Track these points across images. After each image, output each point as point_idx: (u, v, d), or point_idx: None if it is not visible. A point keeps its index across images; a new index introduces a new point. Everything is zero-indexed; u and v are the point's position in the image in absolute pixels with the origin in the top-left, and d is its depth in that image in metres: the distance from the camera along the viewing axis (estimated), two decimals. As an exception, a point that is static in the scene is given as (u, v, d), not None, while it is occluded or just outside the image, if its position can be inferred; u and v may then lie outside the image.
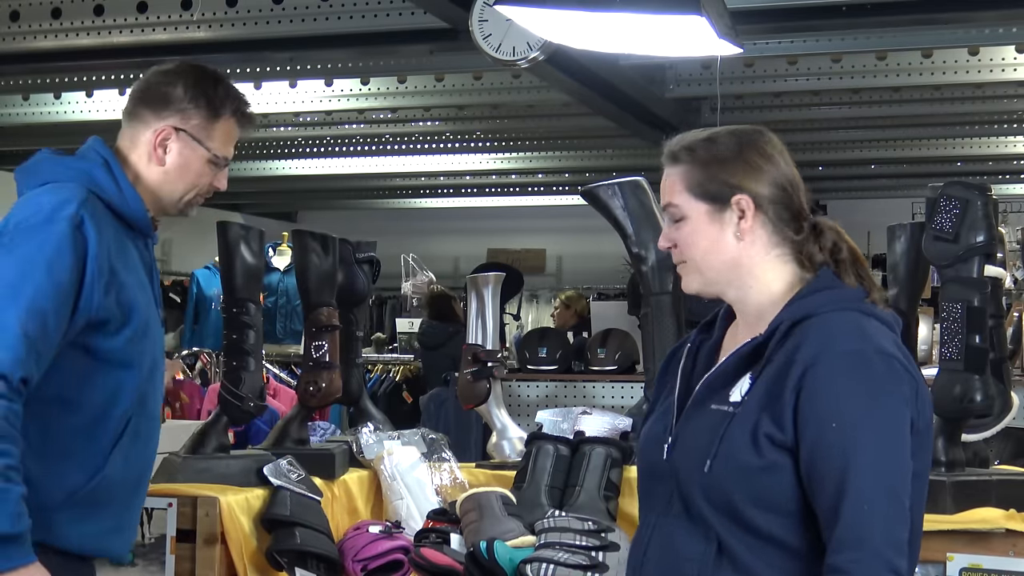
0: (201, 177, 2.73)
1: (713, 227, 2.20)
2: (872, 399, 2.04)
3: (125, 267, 2.58)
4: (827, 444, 2.02)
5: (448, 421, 7.34)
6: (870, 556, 1.98)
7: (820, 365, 2.05)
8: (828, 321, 2.10)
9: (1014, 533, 3.11)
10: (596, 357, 6.46)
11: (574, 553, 3.28)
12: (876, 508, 2.00)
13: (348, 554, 3.50)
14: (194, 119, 2.69)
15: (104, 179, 2.62)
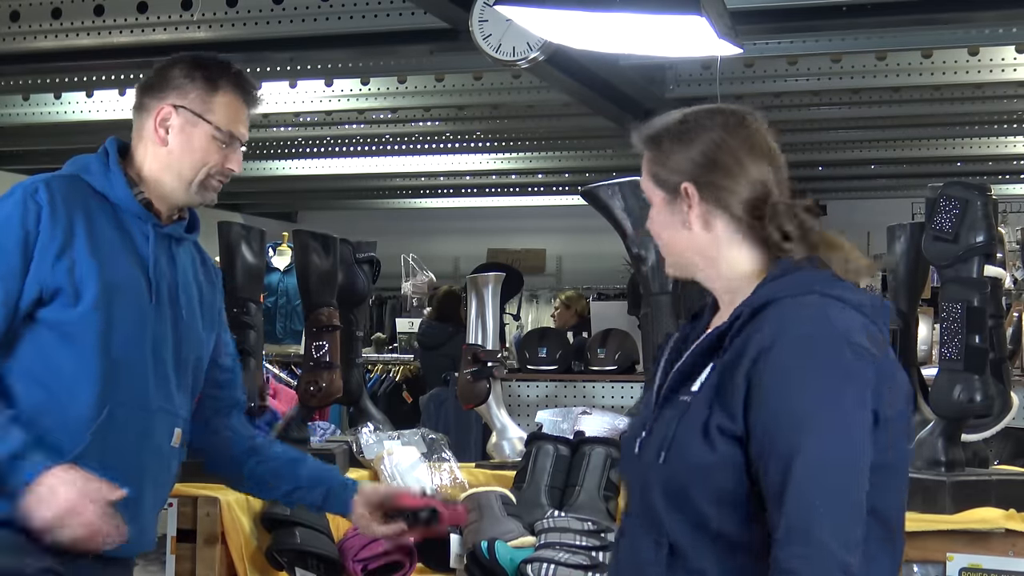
0: (208, 155, 2.67)
1: (670, 215, 2.14)
2: (823, 387, 1.94)
3: (95, 243, 2.55)
4: (774, 434, 1.93)
5: (448, 421, 7.34)
6: (818, 552, 1.88)
7: (772, 352, 1.96)
8: (786, 306, 2.01)
9: (1014, 533, 3.11)
10: (596, 357, 6.46)
11: (574, 553, 3.28)
12: (824, 502, 1.90)
13: (348, 554, 3.51)
14: (191, 93, 2.65)
15: (94, 164, 2.64)
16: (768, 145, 2.13)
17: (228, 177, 2.72)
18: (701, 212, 2.11)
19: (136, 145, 2.69)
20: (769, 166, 2.11)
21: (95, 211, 2.58)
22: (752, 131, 2.13)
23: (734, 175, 2.09)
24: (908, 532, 2.20)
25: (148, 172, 2.67)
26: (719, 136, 2.11)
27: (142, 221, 2.64)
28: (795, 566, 1.89)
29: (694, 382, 2.07)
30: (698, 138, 2.12)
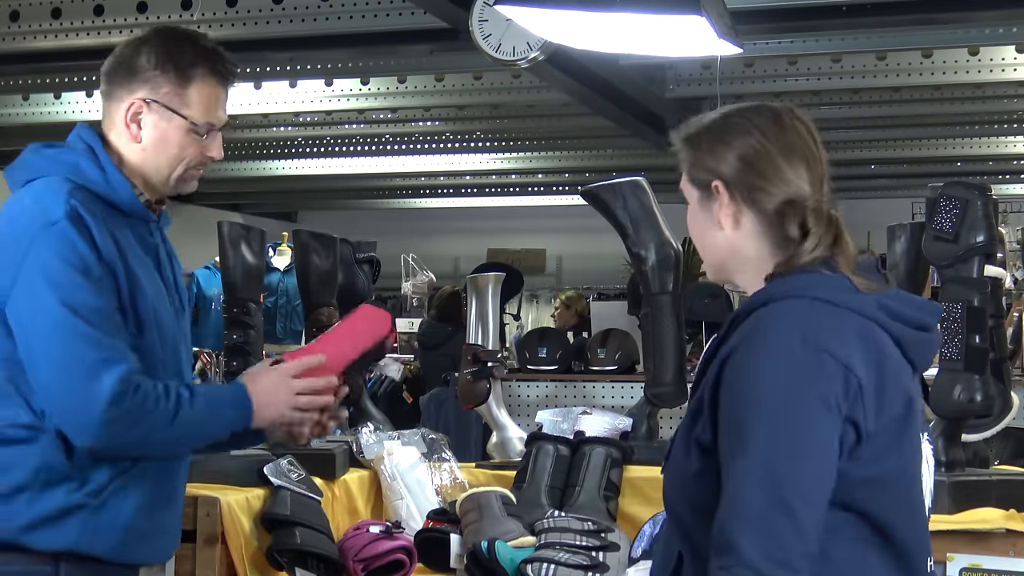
0: (185, 149, 2.52)
1: (704, 214, 2.10)
2: (777, 396, 1.85)
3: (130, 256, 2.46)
4: (722, 441, 1.88)
5: (448, 421, 7.34)
6: (741, 566, 1.79)
7: (734, 356, 1.91)
8: (768, 311, 1.94)
9: (1014, 533, 3.11)
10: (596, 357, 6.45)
11: (575, 553, 3.28)
12: (750, 511, 1.81)
13: (349, 554, 3.50)
14: (164, 87, 2.49)
15: (90, 168, 2.48)
16: (806, 146, 2.07)
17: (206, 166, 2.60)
18: (731, 210, 2.06)
19: (108, 133, 2.55)
20: (806, 168, 2.05)
21: (110, 218, 2.46)
22: (790, 133, 2.07)
23: (769, 178, 2.04)
24: (908, 532, 2.19)
25: (127, 164, 2.53)
26: (757, 140, 2.05)
27: (145, 222, 2.56)
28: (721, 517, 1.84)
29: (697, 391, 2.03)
30: (735, 140, 2.06)
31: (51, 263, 2.35)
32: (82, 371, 2.33)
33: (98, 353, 2.34)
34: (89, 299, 2.35)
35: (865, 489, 1.91)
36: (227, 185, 12.97)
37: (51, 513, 2.39)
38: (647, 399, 4.01)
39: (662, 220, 3.94)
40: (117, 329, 2.39)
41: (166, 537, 2.59)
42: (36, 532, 2.39)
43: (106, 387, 2.32)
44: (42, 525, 2.39)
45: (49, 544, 2.39)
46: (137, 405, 2.34)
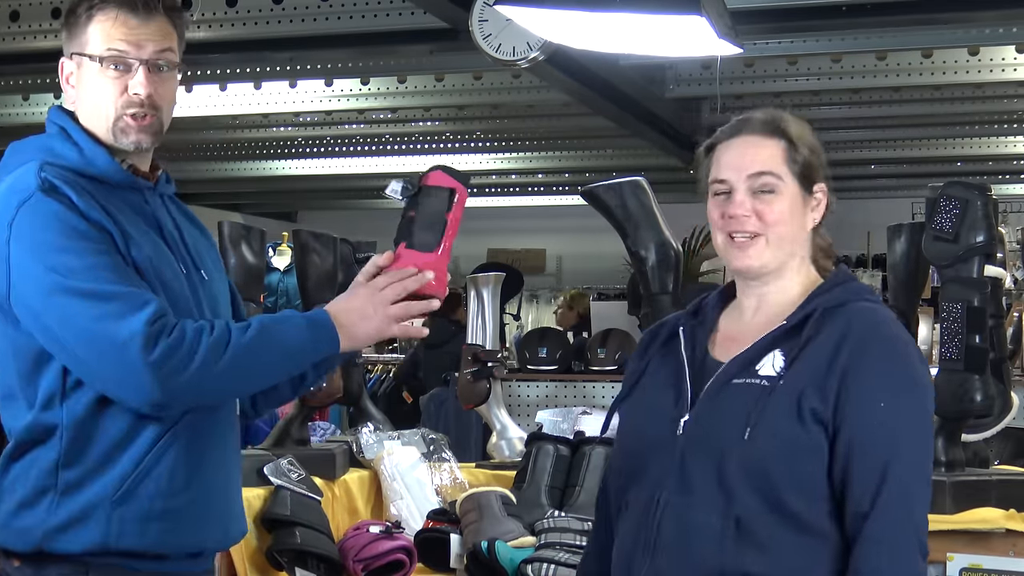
0: (104, 92, 2.36)
1: (801, 208, 2.25)
2: (914, 387, 2.13)
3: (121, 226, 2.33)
4: (874, 421, 2.09)
5: (448, 421, 7.34)
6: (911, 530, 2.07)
7: (867, 348, 2.11)
8: (864, 309, 2.18)
9: (1014, 533, 3.11)
10: (596, 357, 6.46)
11: (575, 553, 3.28)
12: (917, 488, 2.09)
13: (349, 554, 3.50)
14: (79, 36, 2.38)
15: (62, 146, 2.37)
16: None
17: (143, 106, 2.38)
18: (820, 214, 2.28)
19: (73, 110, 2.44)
20: None
21: (95, 191, 2.34)
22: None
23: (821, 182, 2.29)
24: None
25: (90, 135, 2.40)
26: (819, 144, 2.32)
27: (135, 189, 2.42)
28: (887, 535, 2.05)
29: (757, 367, 2.16)
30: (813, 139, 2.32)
31: (33, 237, 2.25)
32: (103, 330, 2.21)
33: (110, 307, 2.21)
34: (83, 259, 2.24)
35: None
36: (227, 185, 12.97)
37: (75, 513, 2.29)
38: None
39: (662, 220, 3.94)
40: (127, 277, 2.26)
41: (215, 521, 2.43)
42: (62, 535, 2.29)
43: (133, 334, 2.19)
44: (67, 527, 2.29)
45: (76, 546, 2.29)
46: (177, 341, 2.21)
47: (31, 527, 2.31)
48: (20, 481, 2.34)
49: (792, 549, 2.08)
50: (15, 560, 2.35)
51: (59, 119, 2.42)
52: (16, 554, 2.35)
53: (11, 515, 2.34)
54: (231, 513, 2.49)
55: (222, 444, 2.45)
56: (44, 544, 2.30)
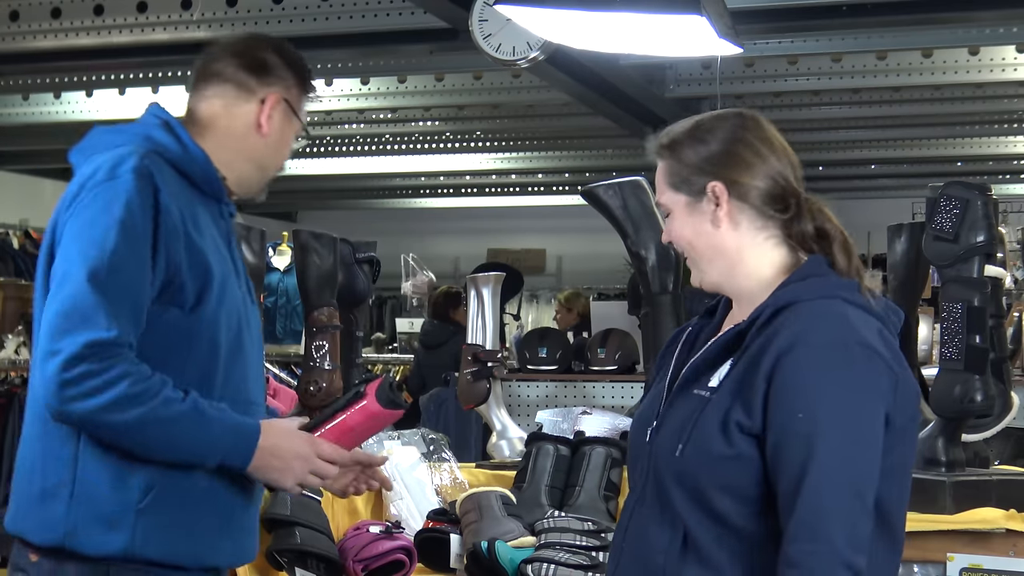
0: (288, 151, 2.58)
1: (693, 218, 2.17)
2: (843, 392, 2.00)
3: (196, 229, 2.38)
4: (792, 433, 1.98)
5: (448, 421, 7.33)
6: (826, 550, 1.94)
7: (793, 353, 2.01)
8: (810, 309, 2.05)
9: (1014, 533, 3.11)
10: (596, 357, 6.44)
11: (575, 553, 3.28)
12: (834, 503, 1.96)
13: (349, 554, 3.50)
14: (293, 89, 2.54)
15: (164, 137, 2.43)
16: (783, 143, 2.19)
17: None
18: (728, 209, 2.14)
19: (217, 119, 2.51)
20: (789, 162, 2.17)
21: (182, 190, 2.39)
22: (766, 128, 2.18)
23: (753, 168, 2.14)
24: (908, 532, 2.22)
25: (224, 155, 2.49)
26: (736, 132, 2.16)
27: (217, 201, 2.49)
28: (802, 560, 1.95)
29: (710, 378, 2.11)
30: (714, 137, 2.16)
31: (94, 213, 2.29)
32: (56, 331, 2.25)
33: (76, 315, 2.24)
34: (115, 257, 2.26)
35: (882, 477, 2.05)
36: (227, 185, 12.94)
37: (101, 515, 2.29)
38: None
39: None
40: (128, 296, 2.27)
41: (236, 538, 2.47)
42: (86, 536, 2.29)
43: (68, 346, 2.22)
44: (90, 527, 2.29)
45: (99, 549, 2.29)
46: (97, 372, 2.22)
47: (54, 521, 2.31)
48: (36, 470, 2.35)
49: (737, 562, 2.04)
50: (33, 554, 2.35)
51: (163, 113, 2.49)
52: (35, 547, 2.34)
53: (36, 502, 2.33)
54: (251, 531, 2.52)
55: None
56: (67, 541, 2.30)
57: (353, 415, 2.56)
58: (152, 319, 2.32)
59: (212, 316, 2.38)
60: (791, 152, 2.19)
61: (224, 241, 2.48)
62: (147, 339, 2.31)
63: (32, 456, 2.38)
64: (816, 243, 2.15)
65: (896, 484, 2.08)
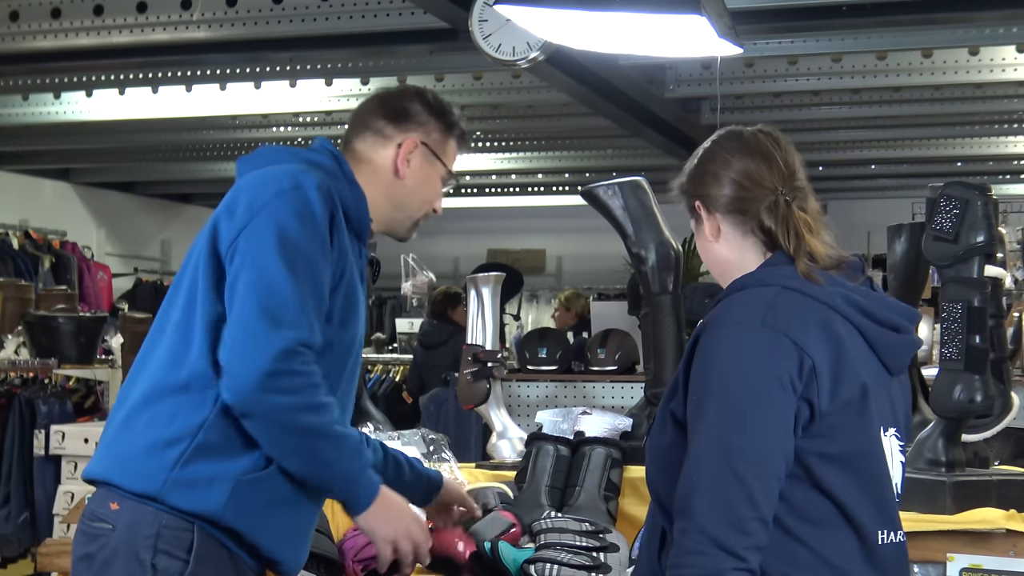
0: (434, 195, 2.70)
1: (698, 235, 2.29)
2: (732, 371, 2.03)
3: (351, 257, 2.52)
4: (688, 414, 2.06)
5: (448, 421, 7.34)
6: (694, 529, 1.97)
7: (703, 337, 2.09)
8: (738, 297, 2.13)
9: (1014, 533, 3.11)
10: (596, 357, 6.44)
11: (576, 554, 3.28)
12: (705, 480, 1.98)
13: (348, 554, 3.50)
14: (434, 133, 2.69)
15: (333, 168, 2.56)
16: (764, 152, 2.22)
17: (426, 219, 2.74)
18: (711, 222, 2.23)
19: (363, 164, 2.63)
20: (764, 164, 2.20)
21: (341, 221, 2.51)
22: (746, 137, 2.24)
23: (718, 177, 2.22)
24: (908, 532, 2.22)
25: (375, 196, 2.61)
26: (710, 148, 2.26)
27: (360, 242, 2.60)
28: (677, 538, 2.00)
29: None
30: (696, 156, 2.28)
31: (285, 217, 2.37)
32: (265, 321, 2.32)
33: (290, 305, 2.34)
34: (307, 261, 2.37)
35: (822, 465, 2.07)
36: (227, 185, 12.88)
37: (203, 475, 2.37)
38: (647, 399, 4.01)
39: (662, 220, 3.94)
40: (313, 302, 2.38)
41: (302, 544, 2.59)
42: (185, 491, 2.36)
43: (282, 340, 2.32)
44: (193, 485, 2.36)
45: (194, 505, 2.37)
46: (298, 373, 2.33)
47: (155, 473, 2.37)
48: (157, 425, 2.39)
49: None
50: (114, 503, 2.40)
51: (333, 149, 2.62)
52: (123, 493, 2.39)
53: (138, 455, 2.39)
54: (308, 543, 2.64)
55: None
56: (162, 494, 2.37)
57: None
58: None
59: (354, 335, 2.53)
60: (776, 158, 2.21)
61: (361, 277, 2.59)
62: None
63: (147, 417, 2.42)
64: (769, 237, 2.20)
65: (848, 473, 2.09)
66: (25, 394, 6.83)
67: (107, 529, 2.39)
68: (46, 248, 11.45)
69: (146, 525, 2.36)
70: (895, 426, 2.21)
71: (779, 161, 2.22)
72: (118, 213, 13.64)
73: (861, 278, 2.23)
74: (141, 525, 2.36)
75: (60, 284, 10.66)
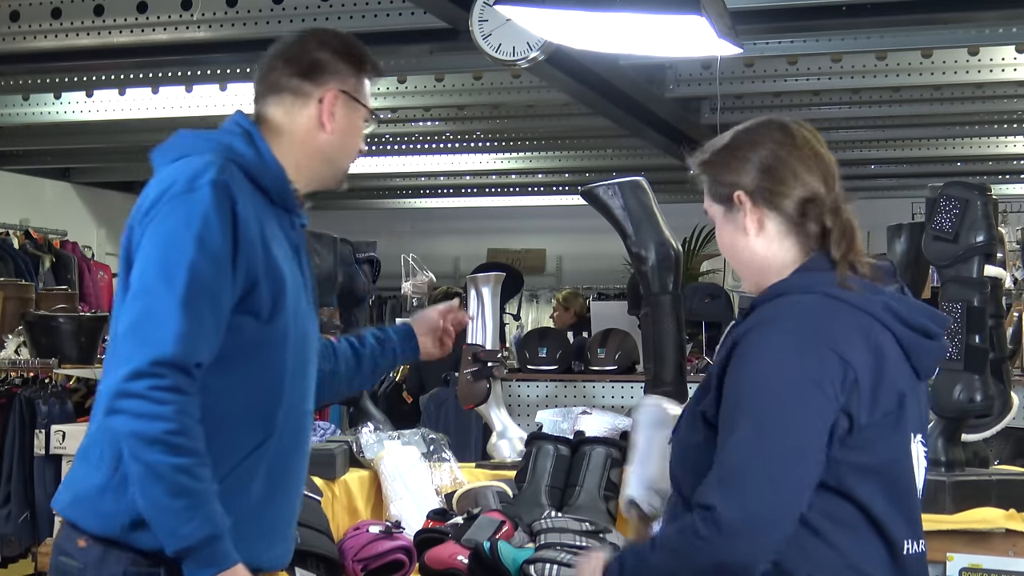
0: (360, 138, 2.61)
1: (729, 227, 2.24)
2: (776, 377, 2.03)
3: (272, 239, 2.41)
4: (726, 409, 2.06)
5: (448, 421, 7.34)
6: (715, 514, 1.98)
7: (746, 339, 2.08)
8: (782, 302, 2.12)
9: (1014, 533, 3.11)
10: (596, 357, 6.45)
11: (576, 554, 3.28)
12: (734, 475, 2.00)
13: (348, 554, 3.50)
14: (350, 78, 2.56)
15: (243, 147, 2.47)
16: (816, 152, 2.25)
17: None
18: (756, 215, 2.20)
19: (283, 126, 2.53)
20: (819, 173, 2.22)
21: (258, 200, 2.43)
22: (800, 143, 2.25)
23: (788, 183, 2.20)
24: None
25: (293, 158, 2.52)
26: (754, 138, 2.23)
27: (289, 213, 2.54)
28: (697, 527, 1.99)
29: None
30: (753, 153, 2.22)
31: (172, 226, 2.30)
32: (130, 340, 2.26)
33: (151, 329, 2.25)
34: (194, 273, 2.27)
35: (856, 476, 2.08)
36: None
37: None
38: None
39: (662, 220, 3.94)
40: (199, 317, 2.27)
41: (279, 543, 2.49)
42: (143, 530, 2.28)
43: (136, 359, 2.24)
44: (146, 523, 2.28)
45: (154, 543, 2.28)
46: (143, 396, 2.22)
47: (113, 514, 2.32)
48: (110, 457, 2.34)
49: None
50: (82, 540, 2.35)
51: (245, 123, 2.52)
52: (87, 534, 2.35)
53: (95, 495, 2.35)
54: (290, 538, 2.55)
55: (298, 473, 2.52)
56: (124, 536, 2.31)
57: None
58: (229, 328, 2.34)
59: (285, 326, 2.41)
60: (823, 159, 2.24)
61: (293, 252, 2.52)
62: (223, 347, 2.33)
63: (99, 449, 2.38)
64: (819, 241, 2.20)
65: (881, 484, 2.10)
66: (25, 394, 6.83)
67: (78, 568, 2.35)
68: (46, 248, 11.44)
69: (113, 564, 2.32)
70: (922, 431, 2.23)
71: (827, 160, 2.24)
72: (118, 213, 13.64)
73: (894, 283, 2.23)
74: (109, 564, 2.32)
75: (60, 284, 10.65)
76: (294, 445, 2.50)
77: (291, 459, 2.49)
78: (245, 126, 2.52)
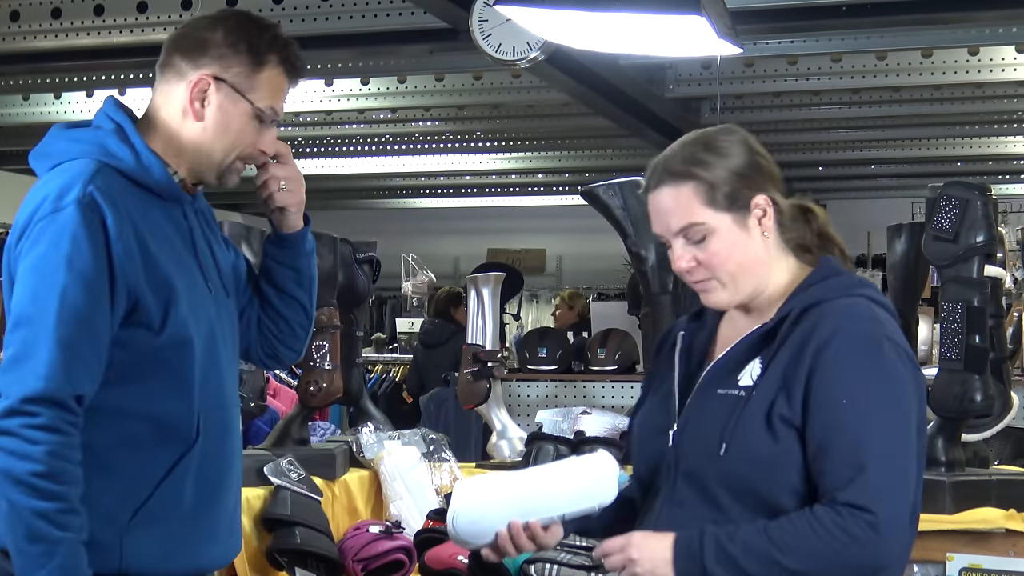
0: (242, 136, 2.36)
1: (742, 235, 2.18)
2: (883, 382, 2.08)
3: (155, 241, 2.28)
4: (838, 423, 2.05)
5: (448, 421, 7.34)
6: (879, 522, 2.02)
7: (832, 346, 2.08)
8: (840, 306, 2.13)
9: (1014, 533, 3.11)
10: (596, 357, 6.45)
11: (576, 554, 3.28)
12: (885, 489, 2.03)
13: (349, 554, 3.51)
14: (235, 67, 2.33)
15: (117, 147, 2.30)
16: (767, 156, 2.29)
17: (257, 159, 2.43)
18: (768, 220, 2.20)
19: (159, 110, 2.38)
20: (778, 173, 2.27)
21: (138, 201, 2.28)
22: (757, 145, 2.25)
23: (776, 180, 2.22)
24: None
25: (174, 143, 2.36)
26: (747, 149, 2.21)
27: (178, 203, 2.38)
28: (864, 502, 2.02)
29: (738, 377, 2.15)
30: (733, 153, 2.19)
31: (43, 251, 2.19)
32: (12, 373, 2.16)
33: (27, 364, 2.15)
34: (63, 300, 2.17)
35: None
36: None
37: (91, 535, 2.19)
38: (647, 399, 4.01)
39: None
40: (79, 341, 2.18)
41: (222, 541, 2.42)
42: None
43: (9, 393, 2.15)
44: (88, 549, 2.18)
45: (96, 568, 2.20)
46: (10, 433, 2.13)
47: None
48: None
49: None
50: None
51: (116, 116, 2.37)
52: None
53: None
54: (234, 530, 2.48)
55: (231, 469, 2.43)
56: None
57: None
58: (122, 342, 2.24)
59: (182, 331, 2.29)
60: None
61: (187, 244, 2.38)
62: (119, 362, 2.24)
63: None
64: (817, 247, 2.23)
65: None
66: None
67: None
68: (46, 248, 11.45)
69: None
70: None
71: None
72: (118, 213, 13.63)
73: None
74: None
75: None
76: (221, 445, 2.38)
77: (221, 459, 2.38)
78: (117, 120, 2.36)
